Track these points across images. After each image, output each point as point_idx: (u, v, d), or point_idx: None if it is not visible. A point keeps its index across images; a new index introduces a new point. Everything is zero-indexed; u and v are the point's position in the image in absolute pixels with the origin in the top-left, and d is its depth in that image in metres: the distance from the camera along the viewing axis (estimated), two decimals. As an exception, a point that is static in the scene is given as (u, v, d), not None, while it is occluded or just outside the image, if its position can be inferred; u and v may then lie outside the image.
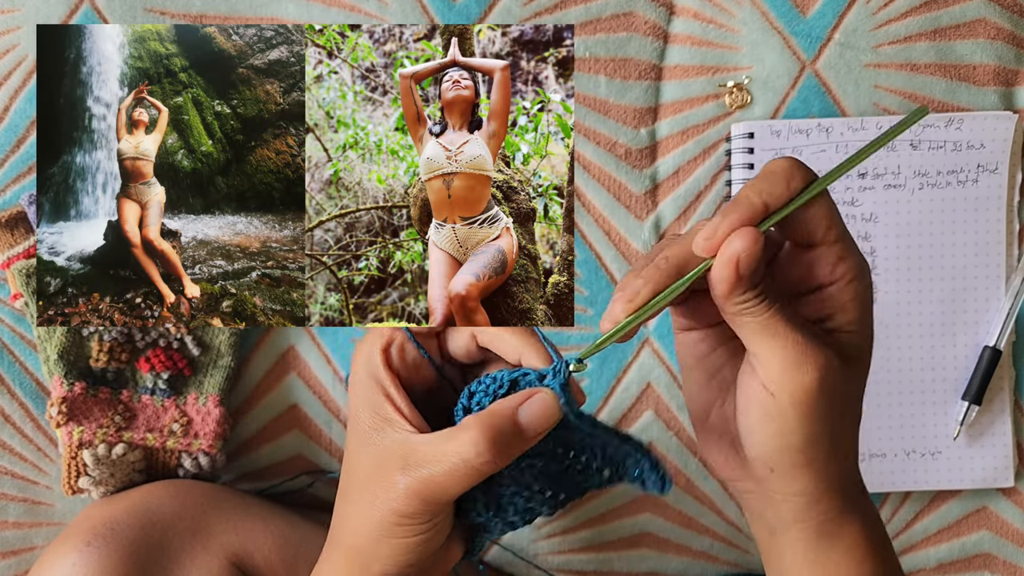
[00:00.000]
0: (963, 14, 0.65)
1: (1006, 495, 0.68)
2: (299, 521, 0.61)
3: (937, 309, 0.65)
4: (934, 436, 0.66)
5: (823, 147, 0.64)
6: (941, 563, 0.69)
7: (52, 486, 0.65)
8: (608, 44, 0.65)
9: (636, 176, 0.65)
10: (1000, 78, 0.65)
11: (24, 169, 0.64)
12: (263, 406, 0.66)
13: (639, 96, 0.65)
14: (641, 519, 0.68)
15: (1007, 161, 0.64)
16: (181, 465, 0.63)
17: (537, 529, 0.67)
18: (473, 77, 0.55)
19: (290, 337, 0.66)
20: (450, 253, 0.55)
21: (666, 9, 0.65)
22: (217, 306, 0.61)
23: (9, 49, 0.63)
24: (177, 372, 0.63)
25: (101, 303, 0.59)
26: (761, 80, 0.65)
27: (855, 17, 0.65)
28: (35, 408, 0.65)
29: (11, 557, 0.65)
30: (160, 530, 0.55)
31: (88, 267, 0.63)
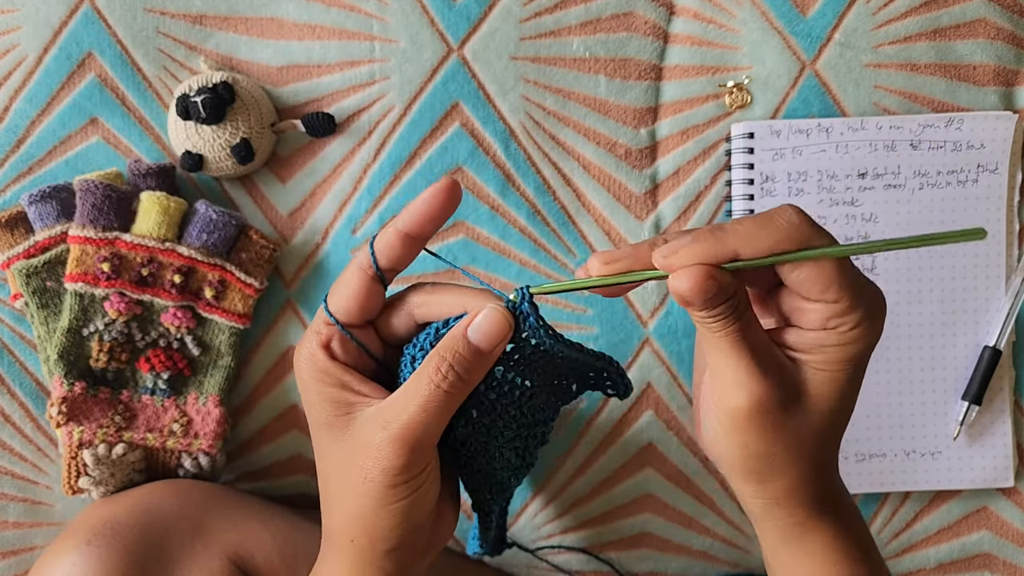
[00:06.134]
0: (963, 14, 0.65)
1: (1006, 495, 0.68)
2: (299, 521, 0.61)
3: (937, 309, 0.65)
4: (934, 436, 0.66)
5: (823, 147, 0.64)
6: (941, 563, 0.69)
7: (52, 486, 0.65)
8: (608, 44, 0.65)
9: (636, 176, 0.65)
10: (1000, 78, 0.65)
11: (24, 169, 0.64)
12: (263, 406, 0.66)
13: (639, 96, 0.65)
14: (641, 519, 0.68)
15: (1007, 161, 0.64)
16: (181, 465, 0.63)
17: (537, 529, 0.68)
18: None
19: (290, 337, 0.66)
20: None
21: (666, 9, 0.65)
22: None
23: (9, 49, 0.63)
24: (177, 372, 0.63)
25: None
26: (761, 80, 0.65)
27: (855, 17, 0.65)
28: (35, 408, 0.65)
29: (11, 557, 0.65)
30: (160, 530, 0.55)
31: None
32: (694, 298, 0.35)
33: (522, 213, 0.65)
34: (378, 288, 0.41)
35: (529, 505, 0.67)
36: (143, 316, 0.62)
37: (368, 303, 0.41)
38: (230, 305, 0.63)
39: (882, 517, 0.68)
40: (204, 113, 0.60)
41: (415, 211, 0.40)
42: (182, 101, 0.61)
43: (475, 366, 0.39)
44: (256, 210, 0.65)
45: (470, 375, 0.39)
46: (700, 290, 0.35)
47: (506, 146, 0.65)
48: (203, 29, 0.64)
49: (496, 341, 0.39)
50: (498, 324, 0.38)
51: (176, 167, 0.64)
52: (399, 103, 0.64)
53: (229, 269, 0.62)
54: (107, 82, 0.64)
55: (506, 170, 0.65)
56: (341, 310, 0.41)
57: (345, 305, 0.41)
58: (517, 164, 0.65)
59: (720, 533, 0.68)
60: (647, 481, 0.67)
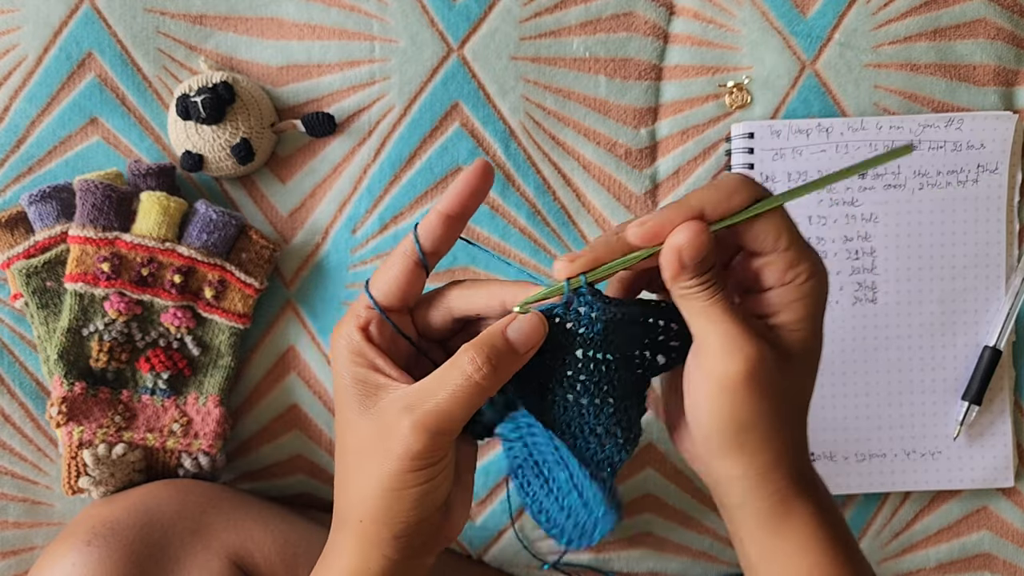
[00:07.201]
0: (963, 14, 0.65)
1: (1006, 495, 0.68)
2: (299, 521, 0.61)
3: (937, 309, 0.65)
4: (934, 436, 0.66)
5: (823, 147, 0.64)
6: (941, 563, 0.69)
7: (52, 486, 0.65)
8: (608, 44, 0.65)
9: (636, 176, 0.65)
10: (1000, 78, 0.65)
11: (24, 169, 0.64)
12: (263, 406, 0.66)
13: (639, 96, 0.65)
14: (641, 519, 0.68)
15: (1007, 161, 0.64)
16: (181, 465, 0.63)
17: (536, 528, 0.68)
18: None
19: (290, 337, 0.66)
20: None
21: (666, 9, 0.65)
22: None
23: (9, 49, 0.63)
24: (177, 372, 0.63)
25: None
26: (761, 80, 0.65)
27: (855, 17, 0.65)
28: (35, 408, 0.65)
29: (11, 557, 0.65)
30: (160, 530, 0.55)
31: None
32: (693, 255, 0.37)
33: (522, 213, 0.65)
34: (420, 274, 0.43)
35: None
36: (143, 316, 0.62)
37: (409, 288, 0.43)
38: (230, 305, 0.63)
39: (882, 517, 0.68)
40: (204, 113, 0.60)
41: (456, 191, 0.42)
42: (182, 101, 0.61)
43: (508, 363, 0.40)
44: (256, 210, 0.65)
45: (503, 371, 0.40)
46: (698, 245, 0.37)
47: (506, 146, 0.65)
48: (203, 29, 0.64)
49: (531, 344, 0.40)
50: (536, 328, 0.40)
51: (176, 167, 0.64)
52: (399, 103, 0.64)
53: (229, 269, 0.62)
54: (107, 82, 0.64)
55: (506, 170, 0.65)
56: (382, 294, 0.42)
57: (387, 289, 0.42)
58: (517, 164, 0.65)
59: (720, 533, 0.68)
60: (647, 481, 0.67)
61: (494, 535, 0.68)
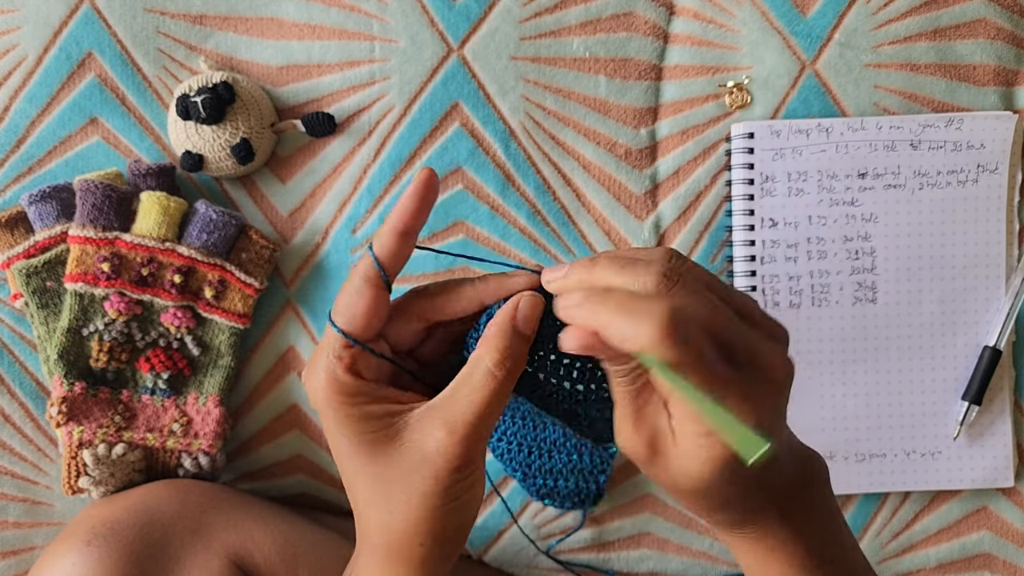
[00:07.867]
0: (963, 14, 0.65)
1: (1006, 495, 0.68)
2: (299, 521, 0.61)
3: (937, 309, 0.65)
4: (934, 436, 0.66)
5: (823, 147, 0.64)
6: (941, 563, 0.69)
7: (52, 486, 0.65)
8: (608, 44, 0.65)
9: (636, 176, 0.65)
10: (1000, 78, 0.65)
11: (24, 169, 0.64)
12: (263, 406, 0.66)
13: (639, 96, 0.65)
14: (641, 519, 0.68)
15: (1007, 161, 0.64)
16: (181, 465, 0.63)
17: (537, 529, 0.68)
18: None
19: (290, 337, 0.66)
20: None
21: (666, 9, 0.65)
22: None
23: (9, 49, 0.63)
24: (177, 372, 0.63)
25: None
26: (761, 80, 0.65)
27: (855, 17, 0.65)
28: (35, 408, 0.65)
29: (11, 557, 0.65)
30: (160, 530, 0.55)
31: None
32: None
33: (522, 213, 0.65)
34: (385, 296, 0.41)
35: (530, 505, 0.67)
36: (143, 316, 0.62)
37: (378, 312, 0.41)
38: (230, 305, 0.63)
39: (882, 517, 0.68)
40: (204, 113, 0.60)
41: (405, 207, 0.41)
42: (182, 101, 0.61)
43: (524, 352, 0.40)
44: (256, 210, 0.65)
45: (520, 360, 0.40)
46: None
47: (506, 146, 0.65)
48: (203, 29, 0.64)
49: (535, 325, 0.40)
50: (536, 308, 0.40)
51: (176, 167, 0.64)
52: (399, 103, 0.64)
53: (229, 269, 0.62)
54: (107, 82, 0.64)
55: (506, 170, 0.65)
56: (355, 326, 0.41)
57: (358, 320, 0.41)
58: (517, 164, 0.65)
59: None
60: (647, 481, 0.67)
61: (494, 535, 0.68)
